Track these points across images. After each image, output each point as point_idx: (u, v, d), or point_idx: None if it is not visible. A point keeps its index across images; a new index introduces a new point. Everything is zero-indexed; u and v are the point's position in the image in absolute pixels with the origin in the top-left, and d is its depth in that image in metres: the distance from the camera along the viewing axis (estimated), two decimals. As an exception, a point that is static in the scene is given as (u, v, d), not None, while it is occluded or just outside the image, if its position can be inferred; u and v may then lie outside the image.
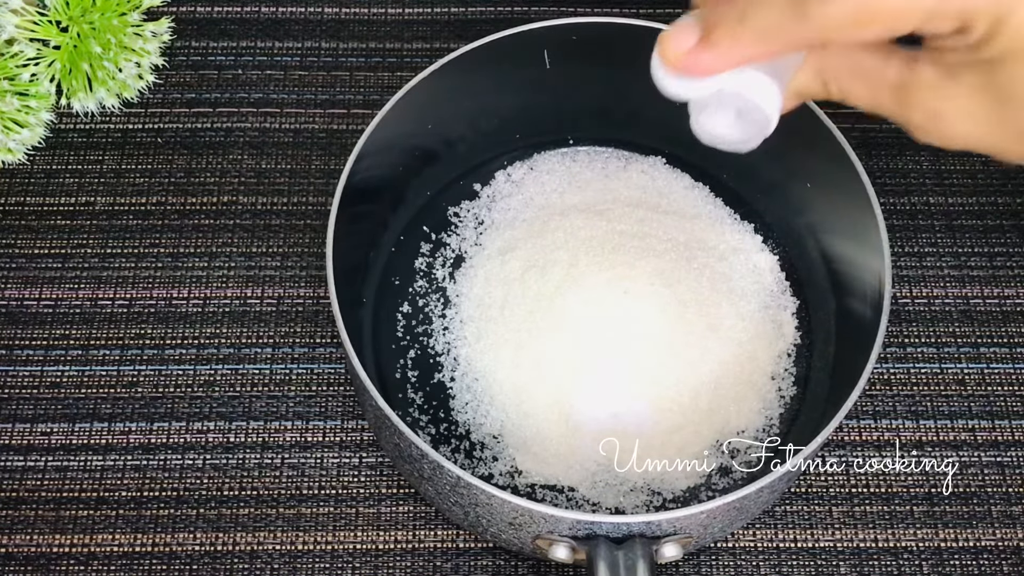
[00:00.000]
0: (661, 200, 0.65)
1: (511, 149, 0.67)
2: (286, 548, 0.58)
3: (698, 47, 0.37)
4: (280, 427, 0.61)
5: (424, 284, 0.63)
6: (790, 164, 0.62)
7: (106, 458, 0.60)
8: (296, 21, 0.74)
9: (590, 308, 0.58)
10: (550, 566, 0.57)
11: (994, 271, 0.66)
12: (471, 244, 0.64)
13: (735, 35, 0.37)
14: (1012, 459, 0.60)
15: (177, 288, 0.64)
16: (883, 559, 0.58)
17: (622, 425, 0.57)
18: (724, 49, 0.37)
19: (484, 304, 0.61)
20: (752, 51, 0.37)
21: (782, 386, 0.60)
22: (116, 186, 0.68)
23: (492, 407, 0.59)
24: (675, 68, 0.38)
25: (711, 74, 0.38)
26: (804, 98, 0.41)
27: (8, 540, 0.57)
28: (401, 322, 0.62)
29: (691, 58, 0.38)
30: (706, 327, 0.59)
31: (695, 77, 0.38)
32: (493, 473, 0.58)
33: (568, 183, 0.66)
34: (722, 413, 0.59)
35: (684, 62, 0.38)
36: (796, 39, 0.36)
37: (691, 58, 0.38)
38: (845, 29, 0.34)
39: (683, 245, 0.62)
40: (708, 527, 0.53)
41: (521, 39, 0.61)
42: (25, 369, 0.62)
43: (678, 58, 0.38)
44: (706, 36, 0.37)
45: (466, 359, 0.60)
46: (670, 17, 0.74)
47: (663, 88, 0.39)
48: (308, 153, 0.69)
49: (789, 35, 0.36)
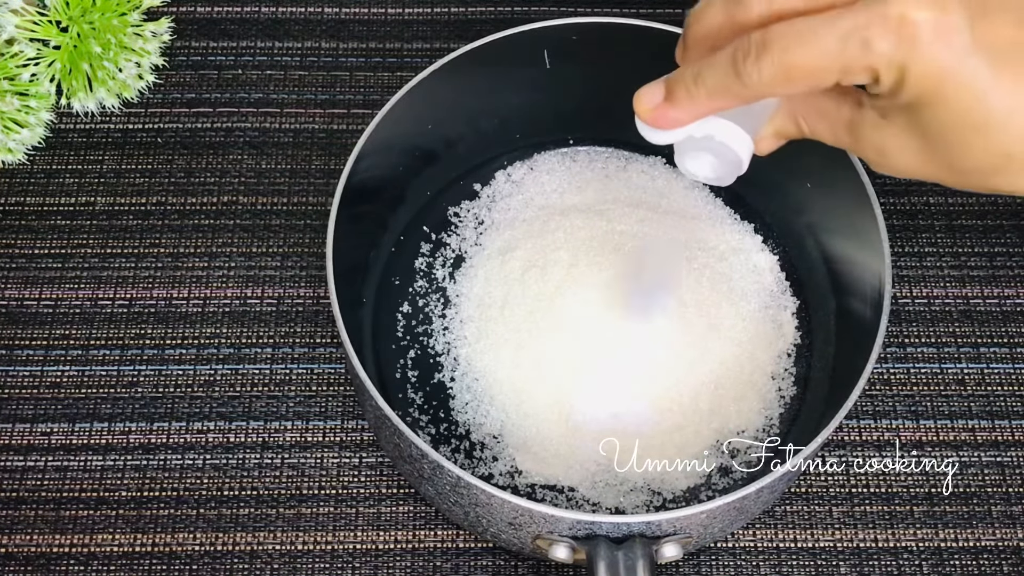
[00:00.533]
0: (661, 200, 0.65)
1: (511, 149, 0.67)
2: (286, 548, 0.58)
3: (663, 104, 0.43)
4: (280, 427, 0.61)
5: (424, 284, 0.63)
6: (790, 164, 0.62)
7: (106, 458, 0.60)
8: (296, 21, 0.74)
9: (590, 308, 0.58)
10: (550, 566, 0.57)
11: (994, 271, 0.66)
12: (471, 244, 0.64)
13: (691, 94, 0.42)
14: (1012, 459, 0.60)
15: (177, 288, 0.64)
16: (883, 559, 0.58)
17: (622, 425, 0.57)
18: (683, 106, 0.43)
19: (484, 304, 0.61)
20: (707, 107, 0.43)
21: (782, 386, 0.60)
22: (116, 186, 0.68)
23: (492, 407, 0.59)
24: (647, 122, 0.44)
25: (677, 127, 0.44)
26: (783, 138, 0.46)
27: (8, 540, 0.57)
28: (401, 322, 0.62)
29: (658, 113, 0.43)
30: (706, 327, 0.59)
31: (665, 129, 0.44)
32: (493, 473, 0.58)
33: (568, 183, 0.66)
34: (722, 413, 0.59)
35: (652, 117, 0.44)
36: (740, 95, 0.41)
37: (658, 113, 0.43)
38: (776, 86, 0.40)
39: (683, 245, 0.62)
40: (708, 527, 0.53)
41: (521, 39, 0.61)
42: (25, 369, 0.62)
43: (648, 113, 0.44)
44: (668, 95, 0.43)
45: (466, 359, 0.60)
46: (670, 17, 0.74)
47: (644, 136, 0.45)
48: (308, 153, 0.69)
49: (734, 93, 0.41)
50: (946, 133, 0.40)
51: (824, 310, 0.62)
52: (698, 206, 0.65)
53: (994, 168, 0.40)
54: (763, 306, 0.62)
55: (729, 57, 0.40)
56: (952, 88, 0.38)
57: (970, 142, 0.40)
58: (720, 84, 0.41)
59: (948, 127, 0.39)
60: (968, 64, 0.38)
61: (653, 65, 0.64)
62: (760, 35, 0.39)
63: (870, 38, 0.38)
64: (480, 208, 0.66)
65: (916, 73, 0.38)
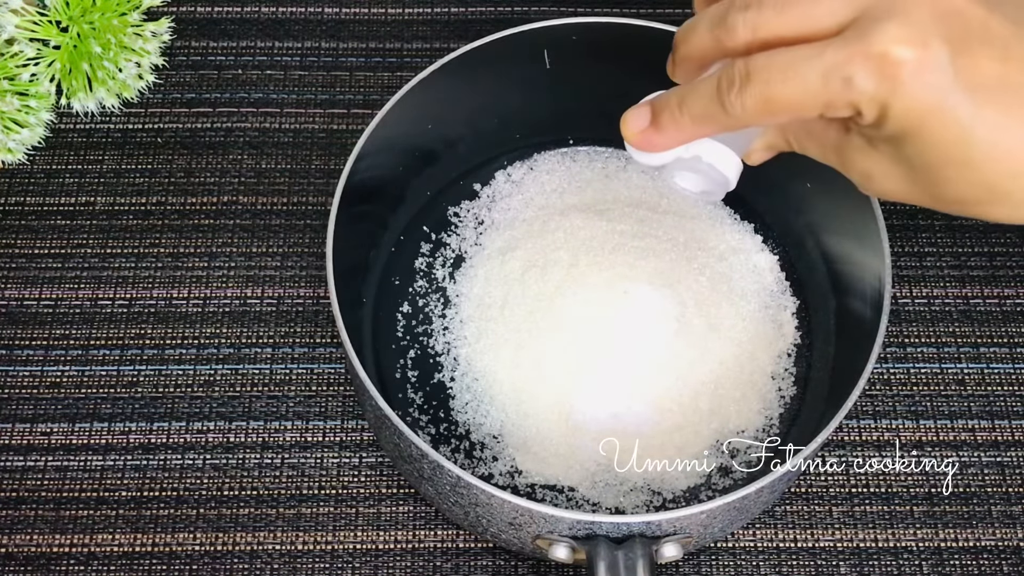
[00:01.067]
0: (661, 200, 0.65)
1: (511, 149, 0.67)
2: (286, 548, 0.58)
3: (648, 129, 0.44)
4: (280, 427, 0.61)
5: (424, 284, 0.63)
6: (790, 164, 0.62)
7: (106, 458, 0.60)
8: (296, 21, 0.74)
9: (590, 308, 0.58)
10: (550, 566, 0.57)
11: (994, 271, 0.66)
12: (471, 244, 0.64)
13: (675, 120, 0.43)
14: (1012, 459, 0.60)
15: (177, 288, 0.64)
16: (883, 559, 0.58)
17: (622, 425, 0.57)
18: (669, 132, 0.43)
19: (484, 304, 0.61)
20: (691, 133, 0.43)
21: (782, 386, 0.60)
22: (116, 186, 0.68)
23: (492, 407, 0.59)
24: (633, 146, 0.45)
25: (662, 151, 0.45)
26: (774, 151, 0.47)
27: (8, 540, 0.57)
28: (401, 322, 0.62)
29: (644, 138, 0.44)
30: (706, 327, 0.59)
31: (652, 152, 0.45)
32: (493, 473, 0.58)
33: (568, 183, 0.66)
34: (722, 413, 0.59)
35: (638, 141, 0.44)
36: (724, 124, 0.41)
37: (644, 138, 0.44)
38: (759, 117, 0.40)
39: (683, 245, 0.62)
40: (708, 527, 0.53)
41: (521, 39, 0.61)
42: (25, 369, 0.62)
43: (634, 137, 0.44)
44: (654, 120, 0.44)
45: (466, 359, 0.60)
46: (670, 17, 0.74)
47: (634, 157, 0.46)
48: (308, 153, 0.69)
49: (718, 121, 0.42)
50: (929, 166, 0.40)
51: (824, 310, 0.62)
52: (698, 206, 0.65)
53: (977, 199, 0.41)
54: (763, 306, 0.62)
55: (713, 87, 0.41)
56: (934, 124, 0.38)
57: (953, 176, 0.40)
58: (704, 112, 0.42)
59: (931, 161, 0.40)
60: (950, 100, 0.38)
61: (653, 65, 0.64)
62: (744, 65, 0.40)
63: (852, 75, 0.38)
64: (480, 208, 0.66)
65: (898, 109, 0.38)
